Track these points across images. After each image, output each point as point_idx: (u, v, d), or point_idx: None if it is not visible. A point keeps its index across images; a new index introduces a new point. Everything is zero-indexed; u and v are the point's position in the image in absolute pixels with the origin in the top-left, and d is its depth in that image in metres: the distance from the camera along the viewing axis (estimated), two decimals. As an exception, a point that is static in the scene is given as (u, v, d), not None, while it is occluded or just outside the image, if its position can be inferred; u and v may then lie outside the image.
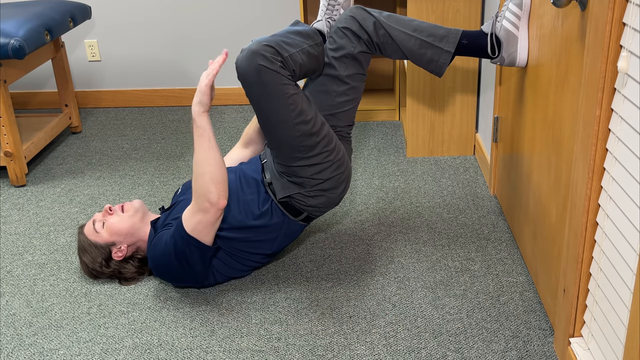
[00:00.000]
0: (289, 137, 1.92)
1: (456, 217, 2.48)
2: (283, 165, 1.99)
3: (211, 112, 3.66)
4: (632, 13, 1.29)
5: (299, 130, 1.91)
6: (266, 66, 1.82)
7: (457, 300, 2.02)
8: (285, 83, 1.86)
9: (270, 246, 2.09)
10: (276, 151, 1.98)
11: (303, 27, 1.99)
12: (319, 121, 1.95)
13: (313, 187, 2.00)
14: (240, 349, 1.87)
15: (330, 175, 2.00)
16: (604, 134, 1.44)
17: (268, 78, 1.84)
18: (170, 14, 3.60)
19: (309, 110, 1.93)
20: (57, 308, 2.08)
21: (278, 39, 1.89)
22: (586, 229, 1.54)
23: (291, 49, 1.89)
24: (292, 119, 1.89)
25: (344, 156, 2.04)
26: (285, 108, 1.88)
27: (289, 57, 1.87)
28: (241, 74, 1.86)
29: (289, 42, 1.90)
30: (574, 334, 1.67)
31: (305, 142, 1.93)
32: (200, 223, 1.91)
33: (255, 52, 1.83)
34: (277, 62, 1.84)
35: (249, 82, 1.86)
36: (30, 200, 2.77)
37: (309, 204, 2.03)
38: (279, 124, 1.91)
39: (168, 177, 2.92)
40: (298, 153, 1.94)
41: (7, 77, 2.80)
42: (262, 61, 1.82)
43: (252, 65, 1.83)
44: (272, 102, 1.87)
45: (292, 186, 2.00)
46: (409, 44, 2.05)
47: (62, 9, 3.04)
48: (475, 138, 2.95)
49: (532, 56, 2.01)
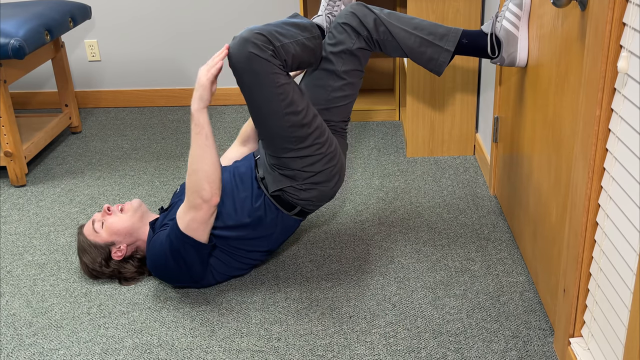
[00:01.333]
0: (279, 128, 1.92)
1: (456, 217, 2.48)
2: (274, 157, 1.99)
3: (211, 112, 3.66)
4: (632, 13, 1.29)
5: (289, 121, 1.91)
6: (256, 54, 1.82)
7: (457, 300, 2.02)
8: (275, 72, 1.86)
9: (268, 243, 2.09)
10: (267, 142, 1.98)
11: (301, 19, 1.99)
12: (310, 113, 1.95)
13: (305, 180, 2.00)
14: (240, 349, 1.87)
15: (322, 168, 2.00)
16: (604, 134, 1.44)
17: (258, 66, 1.84)
18: (170, 13, 3.60)
19: (300, 102, 1.92)
20: (57, 308, 2.08)
21: (271, 28, 1.89)
22: (586, 229, 1.54)
23: (284, 39, 1.88)
24: (282, 108, 1.89)
25: (337, 149, 2.04)
26: (275, 97, 1.88)
27: (281, 47, 1.87)
28: (232, 61, 1.86)
29: (283, 33, 1.89)
30: (574, 334, 1.67)
31: (296, 133, 1.93)
32: (194, 220, 1.91)
33: (246, 39, 1.83)
34: (268, 51, 1.84)
35: (239, 70, 1.86)
36: (30, 200, 2.77)
37: (302, 197, 2.03)
38: (269, 114, 1.91)
39: (168, 177, 2.92)
40: (289, 144, 1.94)
41: (7, 77, 2.80)
42: (252, 49, 1.82)
43: (243, 52, 1.83)
44: (262, 91, 1.87)
45: (283, 179, 2.01)
46: (409, 41, 2.05)
47: (62, 9, 3.04)
48: (475, 138, 2.95)
49: (532, 56, 2.01)
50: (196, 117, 1.89)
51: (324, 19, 2.14)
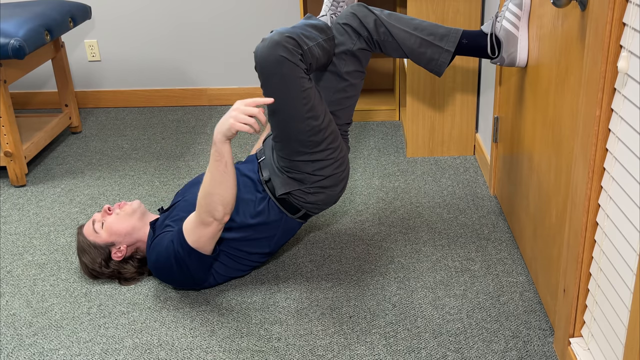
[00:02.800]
0: (297, 132, 1.91)
1: (456, 217, 2.48)
2: (286, 159, 1.98)
3: (211, 112, 3.66)
4: (632, 13, 1.29)
5: (308, 125, 1.90)
6: (287, 58, 1.80)
7: (457, 300, 2.02)
8: (302, 76, 1.85)
9: (269, 244, 2.09)
10: (282, 144, 1.96)
11: (317, 20, 1.98)
12: (327, 117, 1.94)
13: (313, 183, 2.00)
14: (240, 349, 1.87)
15: (332, 173, 2.00)
16: (604, 134, 1.44)
17: (287, 70, 1.82)
18: (171, 13, 3.60)
19: (320, 106, 1.92)
20: (57, 308, 2.08)
21: (298, 31, 1.87)
22: (586, 229, 1.54)
23: (310, 42, 1.87)
24: (304, 113, 1.88)
25: (346, 155, 2.04)
26: (299, 102, 1.86)
27: (308, 50, 1.85)
28: (260, 64, 1.83)
29: (307, 36, 1.88)
30: (574, 334, 1.67)
31: (313, 137, 1.92)
32: (203, 237, 1.90)
33: (277, 42, 1.80)
34: (298, 55, 1.82)
35: (267, 73, 1.83)
36: (30, 200, 2.77)
37: (308, 200, 2.03)
38: (290, 117, 1.89)
39: (168, 177, 2.92)
40: (304, 148, 1.94)
41: (7, 77, 2.80)
42: (283, 52, 1.80)
43: (273, 55, 1.80)
44: (287, 95, 1.85)
45: (292, 182, 2.00)
46: (409, 42, 2.05)
47: (62, 9, 3.04)
48: (475, 138, 2.95)
49: (532, 56, 2.01)
50: (219, 147, 1.81)
51: (328, 19, 2.14)
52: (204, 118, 3.57)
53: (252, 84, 3.74)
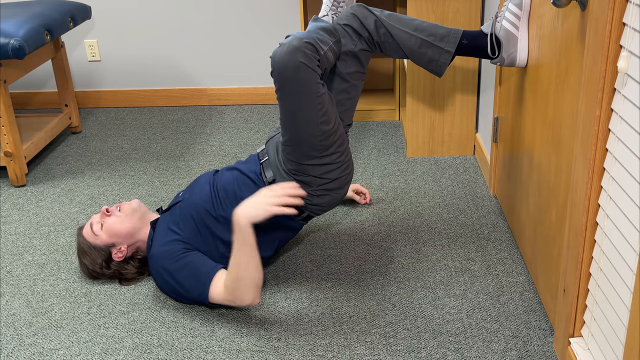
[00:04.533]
0: (310, 136, 1.90)
1: (456, 217, 2.48)
2: (295, 162, 1.97)
3: (211, 112, 3.67)
4: (632, 13, 1.29)
5: (321, 130, 1.89)
6: (306, 64, 1.79)
7: (457, 300, 2.02)
8: (317, 82, 1.84)
9: (272, 246, 2.09)
10: (293, 148, 1.95)
11: (325, 23, 1.97)
12: (337, 121, 1.94)
13: (319, 186, 2.00)
14: (240, 349, 1.87)
15: (338, 176, 2.00)
16: (604, 134, 1.44)
17: (305, 76, 1.80)
18: (171, 13, 3.60)
19: (332, 111, 1.91)
20: (57, 308, 2.08)
21: (314, 35, 1.85)
22: (586, 229, 1.54)
23: (324, 46, 1.86)
24: (318, 118, 1.87)
25: (351, 158, 2.05)
26: (314, 107, 1.86)
27: (324, 55, 1.85)
28: (278, 69, 1.81)
29: (321, 40, 1.87)
30: (574, 334, 1.67)
31: (324, 141, 1.92)
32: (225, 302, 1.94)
33: (297, 48, 1.78)
34: (315, 60, 1.81)
35: (284, 78, 1.81)
36: (30, 200, 2.77)
37: (314, 202, 2.02)
38: (304, 122, 1.88)
39: (168, 177, 2.92)
40: (314, 152, 1.93)
41: (7, 77, 2.80)
42: (302, 58, 1.78)
43: (293, 61, 1.78)
44: (302, 100, 1.84)
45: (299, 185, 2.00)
46: (410, 43, 2.05)
47: (62, 9, 3.04)
48: (475, 138, 2.95)
49: (532, 56, 2.01)
50: (245, 230, 1.84)
51: (330, 20, 2.14)
52: (204, 118, 3.57)
53: (252, 84, 3.74)
